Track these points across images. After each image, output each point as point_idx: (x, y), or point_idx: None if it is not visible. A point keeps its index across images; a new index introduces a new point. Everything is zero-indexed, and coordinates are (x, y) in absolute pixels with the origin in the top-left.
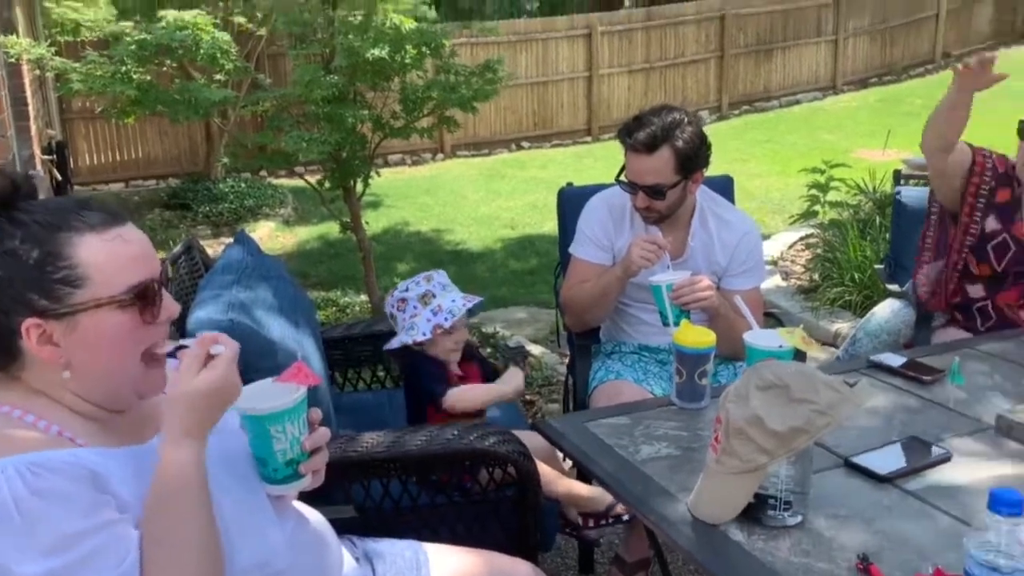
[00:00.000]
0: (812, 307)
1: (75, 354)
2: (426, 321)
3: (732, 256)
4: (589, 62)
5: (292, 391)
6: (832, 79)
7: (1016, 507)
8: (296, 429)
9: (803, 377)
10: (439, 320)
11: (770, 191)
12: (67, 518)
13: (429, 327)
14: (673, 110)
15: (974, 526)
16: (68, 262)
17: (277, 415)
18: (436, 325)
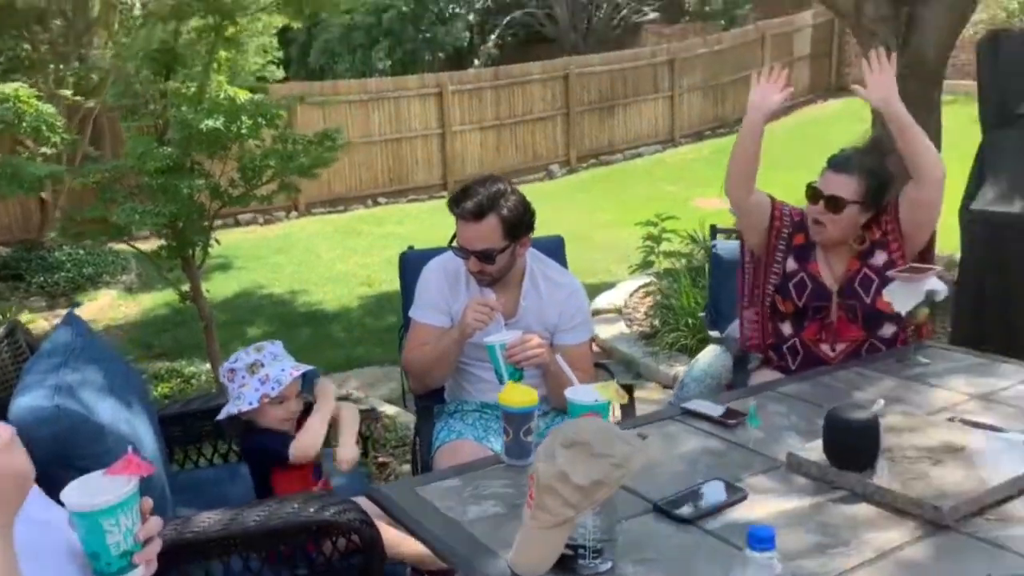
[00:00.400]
0: (652, 352)
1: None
2: (254, 391)
3: (561, 314)
4: (441, 119)
5: (124, 483)
6: (670, 132)
7: (768, 543)
8: (129, 520)
9: (602, 433)
10: (266, 389)
11: (617, 240)
12: None
13: (256, 396)
14: (497, 181)
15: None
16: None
17: (110, 509)
18: (264, 394)
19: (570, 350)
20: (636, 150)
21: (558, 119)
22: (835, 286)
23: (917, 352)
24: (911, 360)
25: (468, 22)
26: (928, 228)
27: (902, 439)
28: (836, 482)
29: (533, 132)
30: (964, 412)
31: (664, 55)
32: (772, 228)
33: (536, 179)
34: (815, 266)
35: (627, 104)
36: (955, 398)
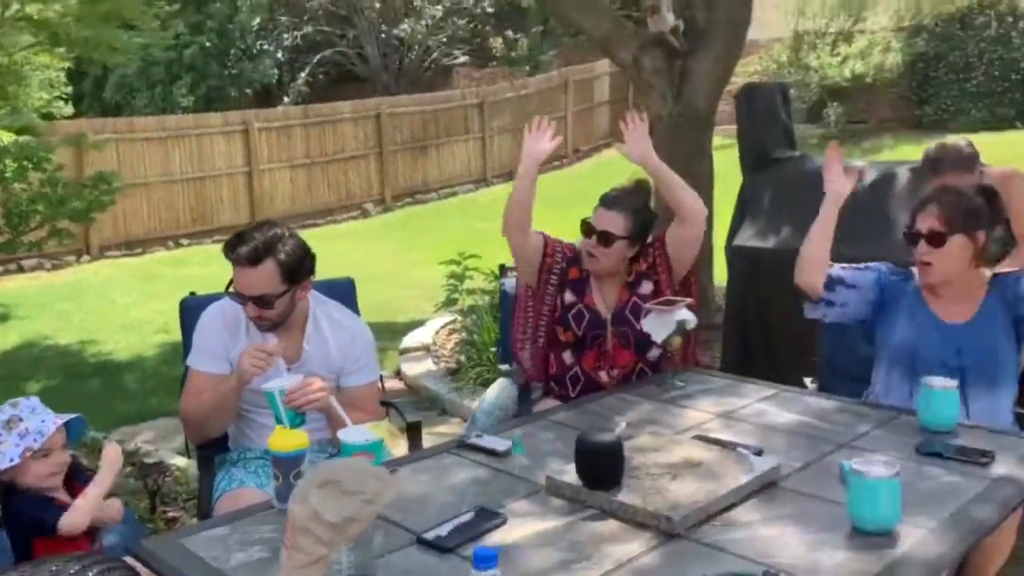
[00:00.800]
0: (457, 388)
1: None
2: (14, 446)
3: (346, 356)
4: (248, 158)
5: None
6: (483, 172)
7: (491, 561)
8: None
9: (352, 471)
10: (28, 443)
11: (429, 279)
12: None
13: (18, 452)
14: (274, 225)
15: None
16: None
17: None
18: (26, 448)
19: (356, 391)
20: (450, 189)
21: (371, 158)
22: (608, 315)
23: (675, 377)
24: (669, 384)
25: (277, 59)
26: (690, 259)
27: (647, 458)
28: (587, 501)
29: (346, 171)
30: (708, 430)
31: (474, 98)
32: (544, 264)
33: (351, 218)
34: (591, 297)
35: (440, 144)
36: (702, 417)
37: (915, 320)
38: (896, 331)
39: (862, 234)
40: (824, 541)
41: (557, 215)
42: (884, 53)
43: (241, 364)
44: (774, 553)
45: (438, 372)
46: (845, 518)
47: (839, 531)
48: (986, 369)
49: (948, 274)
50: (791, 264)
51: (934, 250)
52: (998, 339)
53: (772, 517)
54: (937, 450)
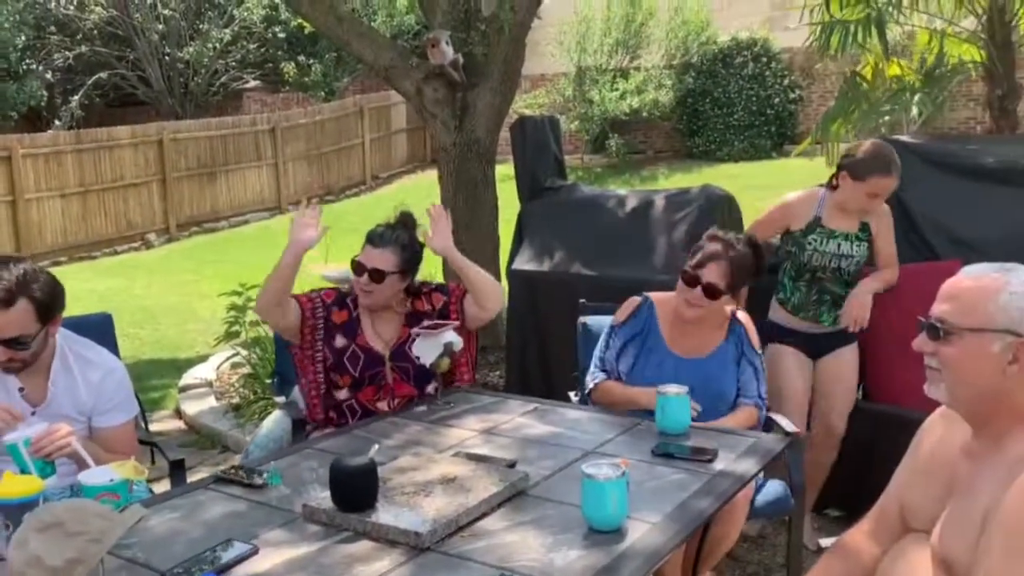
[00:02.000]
0: (240, 423)
1: None
2: None
3: (98, 395)
4: (11, 185)
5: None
6: (277, 200)
7: None
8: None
9: (75, 512)
10: None
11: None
12: None
13: None
14: (20, 261)
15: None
16: None
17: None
18: None
19: (111, 432)
20: (242, 217)
21: (154, 185)
22: (387, 351)
23: (444, 397)
24: (438, 406)
25: (46, 80)
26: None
27: (405, 477)
28: (342, 524)
29: (126, 199)
30: (469, 447)
31: (266, 123)
32: (305, 323)
33: (132, 248)
34: (363, 338)
35: (230, 171)
36: (465, 435)
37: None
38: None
39: (624, 258)
40: (561, 542)
41: (356, 242)
42: (657, 89)
43: None
44: (514, 558)
45: (220, 408)
46: (582, 520)
47: (576, 532)
48: (715, 404)
49: (699, 316)
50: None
51: (709, 301)
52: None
53: (517, 524)
54: (669, 451)
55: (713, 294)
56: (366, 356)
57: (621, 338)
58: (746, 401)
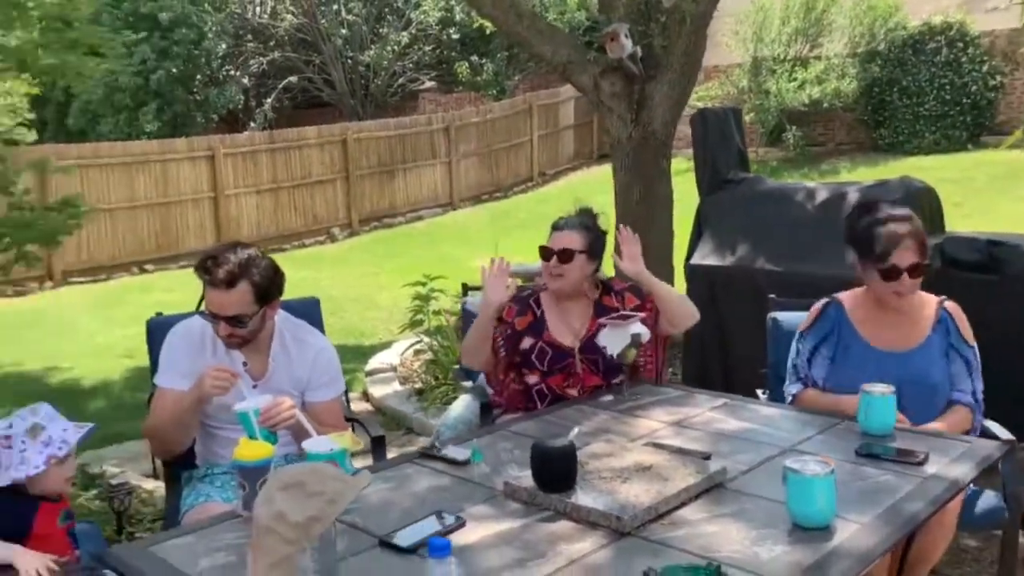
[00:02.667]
0: (423, 407)
1: None
2: (38, 454)
3: (312, 372)
4: (214, 183)
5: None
6: (449, 196)
7: (444, 550)
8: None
9: (315, 474)
10: (52, 451)
11: (396, 301)
12: None
13: (42, 459)
14: (246, 247)
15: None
16: None
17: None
18: (50, 456)
19: (321, 407)
20: (417, 213)
21: (338, 182)
22: (576, 343)
23: (630, 389)
24: (624, 397)
25: (243, 85)
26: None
27: (601, 463)
28: (542, 504)
29: (312, 195)
30: (659, 437)
31: (440, 123)
32: (496, 354)
33: (317, 242)
34: (549, 335)
35: (407, 169)
36: (654, 426)
37: (851, 351)
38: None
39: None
40: (765, 536)
41: (524, 237)
42: (840, 79)
43: (202, 383)
44: (717, 548)
45: (404, 392)
46: (786, 515)
47: (779, 527)
48: (928, 399)
49: (911, 302)
50: (748, 281)
51: (915, 282)
52: (937, 368)
53: (717, 515)
54: (874, 452)
55: (918, 272)
56: (553, 351)
57: (810, 343)
58: (960, 399)
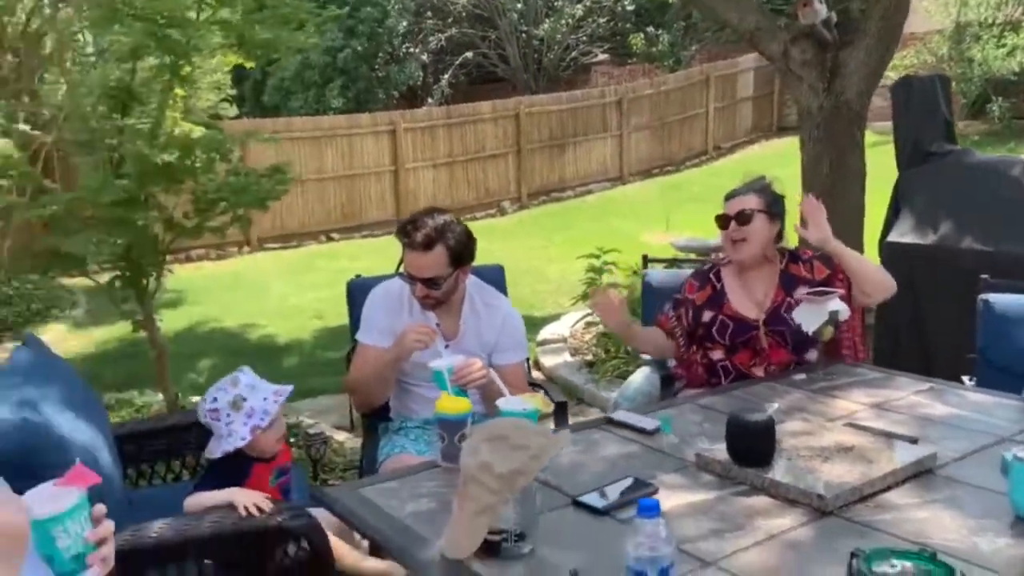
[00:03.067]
0: (594, 379)
1: None
2: (243, 426)
3: (499, 335)
4: (395, 157)
5: (69, 494)
6: (619, 170)
7: (655, 510)
8: (78, 526)
9: (519, 429)
10: (256, 422)
11: (565, 274)
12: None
13: (247, 430)
14: (443, 212)
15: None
16: None
17: (57, 518)
18: (254, 427)
19: (506, 369)
20: (586, 187)
21: (510, 156)
22: (761, 315)
23: (823, 368)
24: (818, 376)
25: (422, 61)
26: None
27: (799, 441)
28: (737, 477)
29: (485, 169)
30: (859, 419)
31: (613, 95)
32: (671, 336)
33: (488, 215)
34: (730, 307)
35: (577, 142)
36: (853, 407)
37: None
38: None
39: None
40: (984, 527)
41: (697, 211)
42: None
43: (404, 340)
44: (930, 535)
45: (575, 364)
46: (1007, 507)
47: (1001, 519)
48: None
49: None
50: (952, 261)
51: None
52: None
53: (928, 502)
54: None
55: None
56: (735, 324)
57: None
58: None
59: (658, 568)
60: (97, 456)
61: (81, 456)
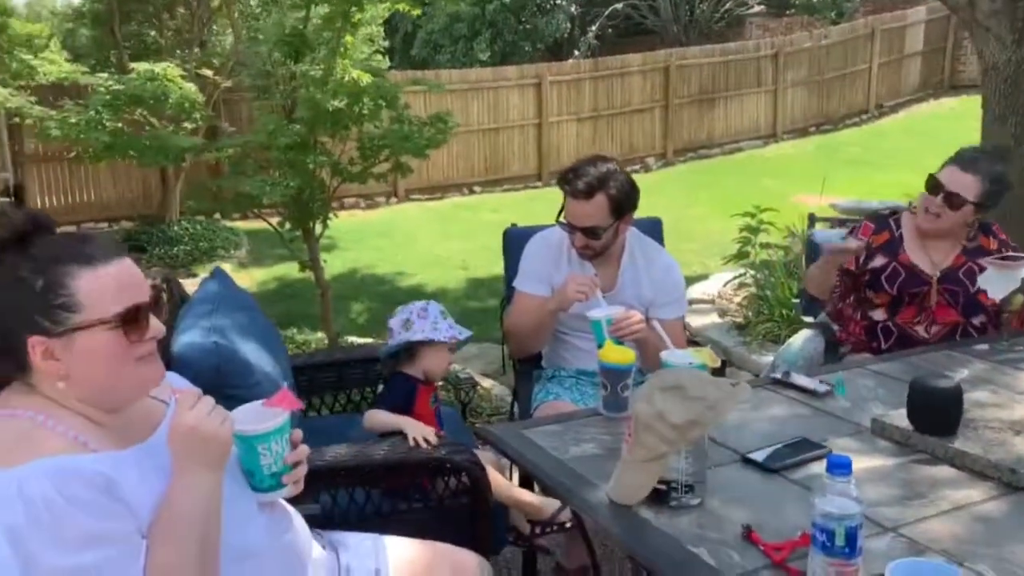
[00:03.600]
0: (745, 342)
1: (73, 367)
2: (447, 329)
3: (658, 290)
4: (539, 110)
5: (277, 414)
6: (772, 128)
7: (846, 468)
8: (280, 447)
9: (696, 379)
10: (455, 333)
11: (711, 234)
12: (88, 521)
13: (449, 334)
14: (607, 161)
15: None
16: (66, 290)
17: (264, 435)
18: (452, 336)
19: (665, 325)
20: (736, 144)
21: (656, 112)
22: (936, 273)
23: (1007, 339)
24: (1001, 346)
25: (569, 13)
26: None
27: (986, 412)
28: (918, 445)
29: (630, 124)
30: None
31: (768, 49)
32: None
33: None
34: (905, 256)
35: (728, 98)
36: None
37: None
38: None
39: None
40: None
41: (857, 174)
42: None
43: (566, 290)
44: None
45: (724, 325)
46: None
47: None
48: None
49: None
50: None
51: None
52: None
53: None
54: None
55: None
56: (907, 273)
57: None
58: None
59: (846, 528)
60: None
61: (265, 383)
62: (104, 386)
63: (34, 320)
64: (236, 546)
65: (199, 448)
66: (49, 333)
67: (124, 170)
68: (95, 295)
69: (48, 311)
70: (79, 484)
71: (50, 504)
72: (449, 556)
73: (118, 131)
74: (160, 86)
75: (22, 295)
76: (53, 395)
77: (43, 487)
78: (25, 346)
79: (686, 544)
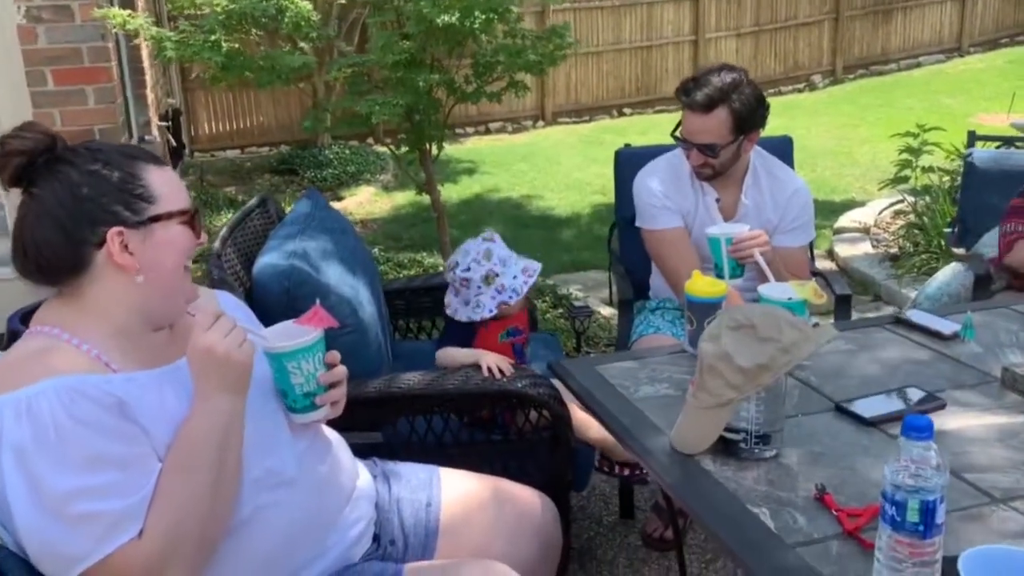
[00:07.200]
0: (896, 275)
1: (146, 261)
2: (491, 299)
3: (783, 214)
4: (696, 25)
5: (307, 332)
6: (958, 40)
7: (925, 431)
8: (311, 366)
9: (769, 317)
10: (504, 298)
11: (877, 158)
12: (95, 442)
13: (494, 304)
14: (733, 70)
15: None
16: (142, 182)
17: (292, 353)
18: (501, 303)
19: (787, 252)
20: (915, 59)
21: (825, 24)
22: None
23: None
24: None
25: None
26: None
27: None
28: None
29: (796, 39)
30: None
31: None
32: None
33: (795, 90)
34: None
35: (908, 7)
36: None
37: None
38: None
39: None
40: None
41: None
42: None
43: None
44: None
45: (876, 256)
46: None
47: None
48: None
49: None
50: None
51: None
52: None
53: None
54: None
55: None
56: None
57: None
58: None
59: (920, 501)
60: (357, 308)
61: (339, 306)
62: (170, 286)
63: (112, 210)
64: (269, 469)
65: (215, 370)
66: (128, 223)
67: (283, 96)
68: (166, 188)
69: (128, 201)
70: (88, 404)
71: (58, 423)
72: (509, 493)
73: (233, 52)
74: (275, 4)
75: (99, 186)
76: (103, 301)
77: (52, 406)
78: (92, 241)
79: (746, 502)
